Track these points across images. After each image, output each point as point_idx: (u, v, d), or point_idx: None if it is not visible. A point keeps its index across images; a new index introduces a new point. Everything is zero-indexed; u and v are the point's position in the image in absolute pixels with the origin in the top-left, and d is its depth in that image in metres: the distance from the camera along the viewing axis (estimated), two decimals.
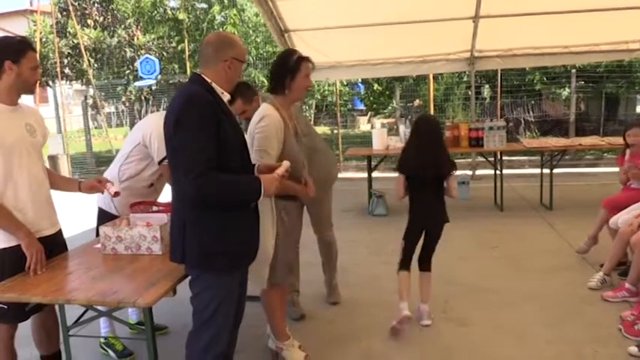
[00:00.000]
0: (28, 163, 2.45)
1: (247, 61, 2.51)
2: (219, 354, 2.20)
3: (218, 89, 2.16)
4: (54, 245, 2.59)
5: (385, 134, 6.87)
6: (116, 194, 2.77)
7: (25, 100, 2.85)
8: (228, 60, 2.14)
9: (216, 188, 2.03)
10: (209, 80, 2.15)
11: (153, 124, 3.06)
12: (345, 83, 15.10)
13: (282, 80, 2.77)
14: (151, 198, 3.18)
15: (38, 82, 2.57)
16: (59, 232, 2.68)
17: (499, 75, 10.94)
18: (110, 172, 3.17)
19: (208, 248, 2.10)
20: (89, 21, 14.88)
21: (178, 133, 2.02)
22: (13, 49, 2.40)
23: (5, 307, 2.37)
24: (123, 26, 14.91)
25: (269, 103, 2.79)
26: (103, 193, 2.80)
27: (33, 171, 2.48)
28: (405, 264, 3.40)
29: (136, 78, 13.10)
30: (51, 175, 2.73)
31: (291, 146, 2.75)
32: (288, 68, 2.77)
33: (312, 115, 15.76)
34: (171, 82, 13.99)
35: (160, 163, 3.02)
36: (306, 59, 2.82)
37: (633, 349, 2.92)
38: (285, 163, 2.33)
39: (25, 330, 2.60)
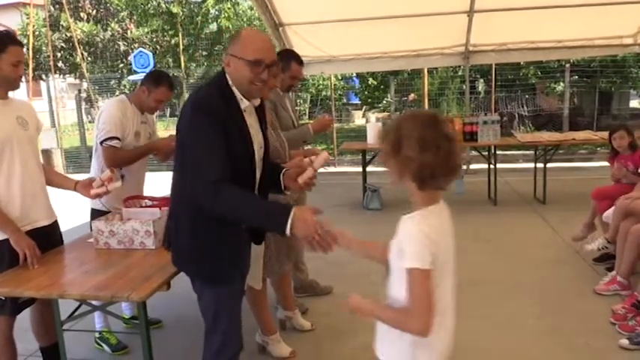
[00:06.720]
0: (20, 156, 2.43)
1: (259, 62, 1.90)
2: (231, 356, 2.14)
3: (237, 94, 1.94)
4: (50, 236, 2.58)
5: (380, 128, 6.88)
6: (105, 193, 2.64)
7: (18, 93, 2.83)
8: (228, 56, 1.93)
9: (230, 202, 1.82)
10: (230, 82, 1.94)
11: (104, 106, 3.08)
12: (339, 77, 15.08)
13: None
14: (133, 192, 3.01)
15: (22, 77, 2.45)
16: (55, 224, 2.67)
17: (493, 69, 10.96)
18: (92, 169, 3.15)
19: (197, 257, 2.03)
20: (82, 14, 14.77)
21: (191, 133, 1.88)
22: None
23: (3, 298, 2.37)
24: (116, 19, 14.81)
25: None
26: (99, 196, 2.67)
27: (26, 163, 2.46)
28: None
29: (130, 72, 13.03)
30: (46, 171, 2.69)
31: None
32: None
33: (307, 109, 15.73)
34: None
35: (101, 143, 2.96)
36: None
37: (624, 341, 2.96)
38: (324, 155, 2.16)
39: (18, 325, 2.59)
